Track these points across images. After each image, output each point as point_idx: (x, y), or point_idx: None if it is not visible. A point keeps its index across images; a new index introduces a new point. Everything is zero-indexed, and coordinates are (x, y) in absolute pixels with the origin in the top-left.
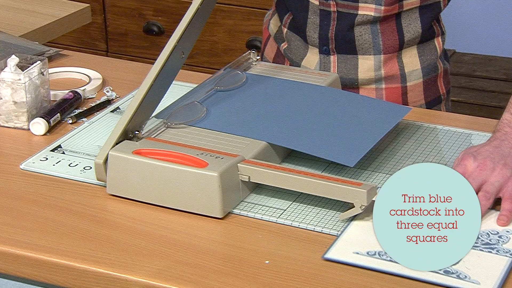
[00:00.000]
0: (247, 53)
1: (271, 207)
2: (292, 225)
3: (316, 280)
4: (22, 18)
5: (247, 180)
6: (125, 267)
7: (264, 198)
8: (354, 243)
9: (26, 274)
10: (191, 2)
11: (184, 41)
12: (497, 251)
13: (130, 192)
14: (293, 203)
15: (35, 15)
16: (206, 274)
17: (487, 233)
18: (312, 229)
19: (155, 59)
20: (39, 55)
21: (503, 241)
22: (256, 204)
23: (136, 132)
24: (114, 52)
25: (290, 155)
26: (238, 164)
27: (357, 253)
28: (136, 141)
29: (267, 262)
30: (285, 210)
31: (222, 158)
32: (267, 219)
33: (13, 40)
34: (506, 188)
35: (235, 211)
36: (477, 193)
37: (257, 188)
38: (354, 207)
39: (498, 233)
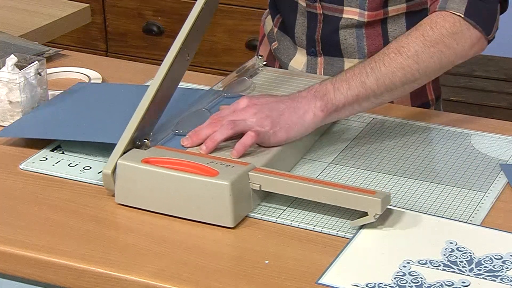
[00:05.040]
0: (253, 58)
1: (271, 207)
2: (292, 225)
3: (316, 280)
4: (22, 18)
5: (258, 189)
6: (125, 267)
7: (264, 198)
8: (353, 268)
9: (26, 274)
10: (191, 2)
11: (189, 43)
12: (501, 279)
13: (139, 201)
14: (293, 203)
15: (35, 15)
16: (206, 274)
17: (490, 258)
18: (312, 229)
19: (155, 59)
20: (38, 55)
21: (507, 268)
22: None
23: (145, 141)
24: (114, 52)
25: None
26: (249, 173)
27: (356, 286)
28: (145, 149)
29: (267, 262)
30: (285, 210)
31: (232, 167)
32: (267, 219)
33: (13, 40)
34: (249, 132)
35: None
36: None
37: None
38: (366, 214)
39: (502, 257)
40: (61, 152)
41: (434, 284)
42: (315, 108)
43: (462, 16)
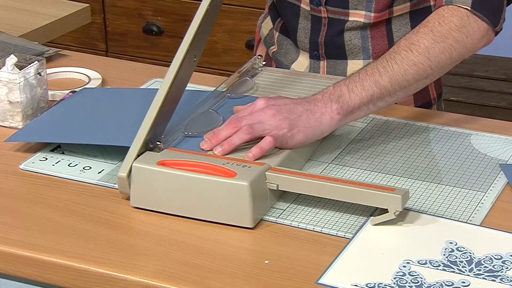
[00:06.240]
0: (252, 58)
1: (271, 207)
2: (292, 225)
3: (316, 280)
4: (22, 18)
5: (275, 189)
6: (125, 267)
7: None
8: (353, 268)
9: (26, 274)
10: (191, 2)
11: (195, 44)
12: (501, 279)
13: (155, 204)
14: (293, 203)
15: (35, 15)
16: (206, 274)
17: (490, 258)
18: (312, 229)
19: (155, 59)
20: (38, 55)
21: (507, 268)
22: None
23: (158, 143)
24: (113, 52)
25: None
26: (266, 173)
27: (356, 286)
28: (158, 151)
29: (267, 262)
30: (284, 210)
31: (249, 167)
32: (267, 219)
33: (13, 40)
34: (267, 137)
35: None
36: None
37: None
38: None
39: (501, 257)
40: (61, 152)
41: (434, 284)
42: (331, 111)
43: (469, 9)
